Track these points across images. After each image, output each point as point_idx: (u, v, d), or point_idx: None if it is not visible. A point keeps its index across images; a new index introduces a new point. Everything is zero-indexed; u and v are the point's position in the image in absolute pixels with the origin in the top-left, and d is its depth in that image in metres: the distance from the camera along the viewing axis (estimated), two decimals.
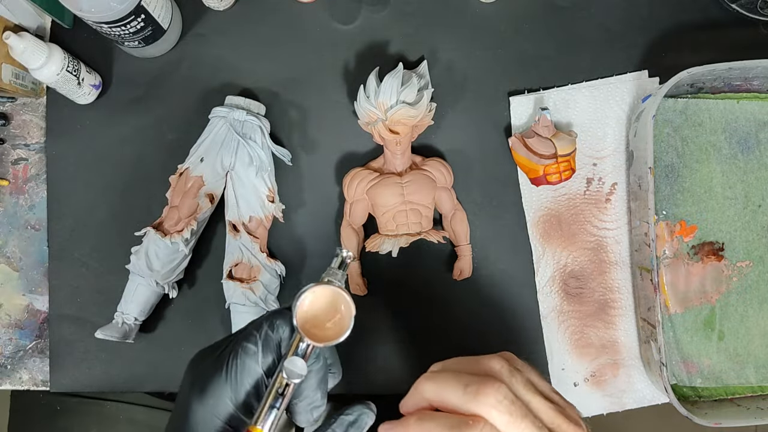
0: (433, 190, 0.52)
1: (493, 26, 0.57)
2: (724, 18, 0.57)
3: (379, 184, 0.52)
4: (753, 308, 0.56)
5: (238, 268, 0.53)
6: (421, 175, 0.52)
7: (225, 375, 0.33)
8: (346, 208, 0.54)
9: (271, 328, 0.34)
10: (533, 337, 0.55)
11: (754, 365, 0.55)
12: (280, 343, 0.34)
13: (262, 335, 0.34)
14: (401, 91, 0.50)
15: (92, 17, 0.46)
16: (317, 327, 0.33)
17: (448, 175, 0.54)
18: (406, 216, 0.52)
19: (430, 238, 0.52)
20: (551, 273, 0.56)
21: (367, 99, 0.51)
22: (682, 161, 0.56)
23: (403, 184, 0.52)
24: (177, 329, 0.55)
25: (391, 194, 0.51)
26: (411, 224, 0.52)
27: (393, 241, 0.52)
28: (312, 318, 0.33)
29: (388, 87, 0.50)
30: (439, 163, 0.54)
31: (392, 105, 0.50)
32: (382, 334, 0.56)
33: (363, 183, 0.52)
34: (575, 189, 0.56)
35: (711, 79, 0.53)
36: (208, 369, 0.34)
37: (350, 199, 0.53)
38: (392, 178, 0.52)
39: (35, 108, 0.57)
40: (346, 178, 0.53)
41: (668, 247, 0.56)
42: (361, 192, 0.53)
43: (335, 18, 0.57)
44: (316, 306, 0.34)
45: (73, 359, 0.55)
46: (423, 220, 0.52)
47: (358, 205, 0.53)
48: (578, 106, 0.56)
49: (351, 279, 0.54)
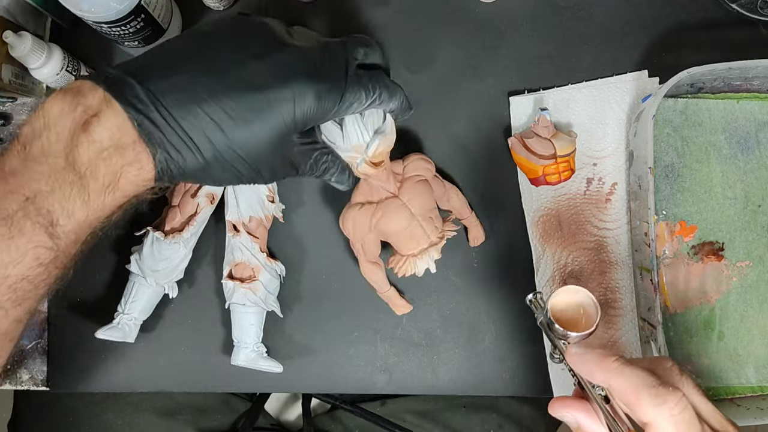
0: (429, 189, 0.51)
1: (493, 26, 0.57)
2: (724, 18, 0.57)
3: (384, 214, 0.48)
4: (753, 308, 0.56)
5: (238, 268, 0.53)
6: (413, 183, 0.50)
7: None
8: (357, 248, 0.51)
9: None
10: (533, 337, 0.55)
11: (754, 365, 0.55)
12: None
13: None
14: (367, 123, 0.44)
15: (92, 17, 0.46)
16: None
17: (430, 165, 0.52)
18: (422, 229, 0.49)
19: (450, 235, 0.52)
20: (551, 273, 0.56)
21: (339, 148, 0.44)
22: (682, 161, 0.56)
23: (405, 203, 0.49)
24: (177, 329, 0.55)
25: (399, 218, 0.49)
26: (430, 233, 0.50)
27: (425, 257, 0.50)
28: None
29: (354, 127, 0.44)
30: (417, 160, 0.51)
31: (368, 142, 0.44)
32: (381, 335, 0.56)
33: (365, 220, 0.49)
34: (575, 189, 0.56)
35: (711, 79, 0.53)
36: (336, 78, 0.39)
37: (358, 240, 0.50)
38: (391, 201, 0.49)
39: (35, 108, 0.57)
40: (346, 224, 0.50)
41: (668, 247, 0.56)
42: (367, 229, 0.49)
43: (335, 18, 0.57)
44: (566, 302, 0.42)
45: (73, 359, 0.55)
46: (436, 221, 0.50)
47: (368, 240, 0.50)
48: (578, 106, 0.56)
49: (392, 303, 0.54)
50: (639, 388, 0.33)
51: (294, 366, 0.55)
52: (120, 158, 0.33)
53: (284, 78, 0.36)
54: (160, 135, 0.34)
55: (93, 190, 0.33)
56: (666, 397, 0.32)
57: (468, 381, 0.55)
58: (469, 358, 0.55)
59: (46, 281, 0.34)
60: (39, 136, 0.33)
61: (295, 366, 0.55)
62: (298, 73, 0.36)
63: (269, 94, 0.35)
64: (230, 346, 0.53)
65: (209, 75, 0.35)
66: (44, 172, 0.32)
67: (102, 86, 0.33)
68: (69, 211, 0.33)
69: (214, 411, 0.69)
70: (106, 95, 0.33)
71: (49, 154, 0.33)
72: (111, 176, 0.33)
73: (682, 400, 0.32)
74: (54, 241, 0.33)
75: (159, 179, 0.35)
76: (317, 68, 0.37)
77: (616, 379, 0.34)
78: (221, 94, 0.34)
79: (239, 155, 0.36)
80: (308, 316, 0.56)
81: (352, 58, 0.40)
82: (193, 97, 0.34)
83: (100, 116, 0.33)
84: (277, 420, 0.79)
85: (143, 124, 0.33)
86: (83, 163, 0.33)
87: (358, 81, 0.39)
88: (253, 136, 0.35)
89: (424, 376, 0.56)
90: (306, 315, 0.56)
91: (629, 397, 0.33)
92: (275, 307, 0.54)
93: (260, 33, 0.37)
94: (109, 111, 0.33)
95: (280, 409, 0.80)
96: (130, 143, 0.33)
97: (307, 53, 0.37)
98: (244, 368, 0.53)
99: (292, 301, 0.56)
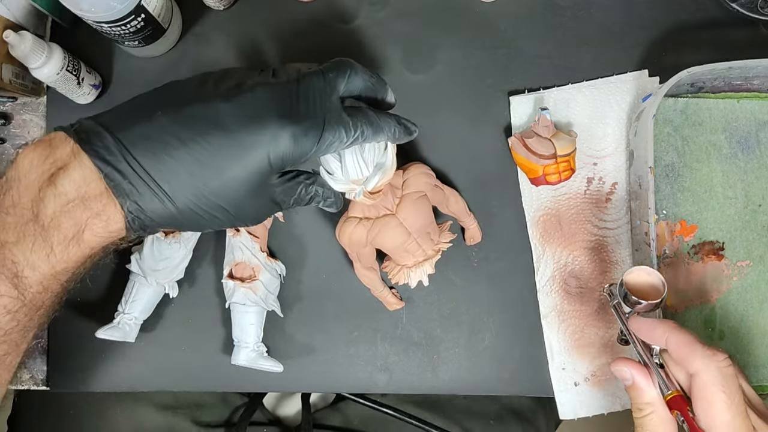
0: (427, 205, 0.50)
1: (493, 26, 0.57)
2: (725, 17, 0.57)
3: (380, 231, 0.48)
4: (753, 308, 0.56)
5: (238, 267, 0.53)
6: (411, 200, 0.48)
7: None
8: (352, 256, 0.51)
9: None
10: (533, 337, 0.55)
11: (754, 365, 0.55)
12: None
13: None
14: (367, 157, 0.41)
15: (92, 17, 0.46)
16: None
17: (431, 179, 0.50)
18: (418, 245, 0.49)
19: (446, 247, 0.51)
20: (551, 272, 0.56)
21: (337, 180, 0.42)
22: (683, 161, 0.56)
23: (402, 221, 0.48)
24: (177, 329, 0.55)
25: (395, 236, 0.48)
26: (426, 248, 0.50)
27: (419, 270, 0.50)
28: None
29: (354, 162, 0.41)
30: (418, 174, 0.49)
31: (368, 176, 0.42)
32: (381, 334, 0.56)
33: (362, 235, 0.48)
34: (575, 188, 0.56)
35: (711, 79, 0.53)
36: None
37: (354, 251, 0.50)
38: (388, 219, 0.48)
39: (35, 107, 0.57)
40: (342, 237, 0.49)
41: (668, 247, 0.56)
42: (364, 244, 0.48)
43: (335, 17, 0.57)
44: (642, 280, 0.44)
45: (73, 359, 0.55)
46: (433, 234, 0.50)
47: (364, 253, 0.50)
48: (578, 106, 0.56)
49: (385, 301, 0.54)
50: (693, 343, 0.38)
51: (294, 365, 0.55)
52: (85, 210, 0.33)
53: (256, 120, 0.34)
54: (128, 186, 0.33)
55: (56, 242, 0.33)
56: (715, 352, 0.38)
57: (468, 380, 0.55)
58: (469, 357, 0.55)
59: (17, 328, 0.35)
60: (10, 188, 0.33)
61: (296, 365, 0.55)
62: (271, 115, 0.34)
63: (240, 139, 0.34)
64: (230, 346, 0.53)
65: (178, 122, 0.34)
66: (11, 223, 0.33)
67: (73, 137, 0.34)
68: (32, 263, 0.33)
69: (213, 405, 0.69)
70: (75, 147, 0.33)
71: (17, 206, 0.33)
72: (75, 228, 0.33)
73: (728, 359, 0.38)
74: (19, 291, 0.33)
75: (130, 230, 0.35)
76: (292, 108, 0.35)
77: (674, 334, 0.39)
78: (191, 141, 0.33)
79: (216, 203, 0.35)
80: (308, 316, 0.56)
81: (333, 92, 0.37)
82: (162, 146, 0.33)
83: (67, 168, 0.33)
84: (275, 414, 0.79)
85: (111, 175, 0.33)
86: (47, 215, 0.33)
87: (338, 119, 0.36)
88: (228, 183, 0.35)
89: (424, 376, 0.56)
90: (306, 314, 0.56)
91: (683, 349, 0.38)
92: (275, 307, 0.54)
93: (228, 77, 0.36)
94: (77, 163, 0.33)
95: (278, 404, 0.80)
96: (96, 195, 0.33)
97: (282, 92, 0.35)
98: (244, 368, 0.53)
99: (293, 300, 0.56)
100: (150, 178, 0.33)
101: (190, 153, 0.33)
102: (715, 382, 0.37)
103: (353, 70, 0.38)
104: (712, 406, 0.36)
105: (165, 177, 0.33)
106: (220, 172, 0.34)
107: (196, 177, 0.34)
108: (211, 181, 0.34)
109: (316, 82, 0.37)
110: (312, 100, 0.36)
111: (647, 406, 0.40)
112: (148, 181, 0.33)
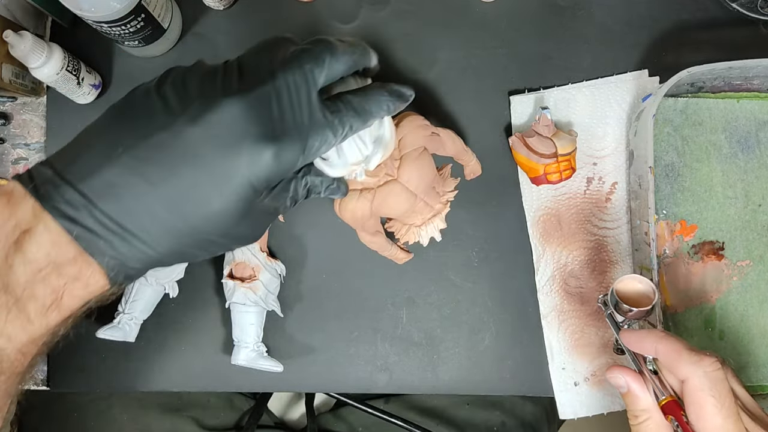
0: (428, 157, 0.46)
1: (493, 26, 0.57)
2: (725, 17, 0.57)
3: (384, 200, 0.45)
4: (753, 308, 0.56)
5: (238, 267, 0.53)
6: (412, 159, 0.45)
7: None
8: (356, 227, 0.48)
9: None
10: (533, 337, 0.55)
11: (754, 365, 0.55)
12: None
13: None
14: (364, 135, 0.38)
15: (92, 17, 0.46)
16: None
17: (426, 128, 0.46)
18: (426, 203, 0.47)
19: (452, 196, 0.50)
20: (551, 272, 0.56)
21: (334, 166, 0.38)
22: (683, 160, 0.56)
23: (405, 185, 0.45)
24: (177, 329, 0.55)
25: (400, 202, 0.45)
26: (433, 204, 0.47)
27: (429, 227, 0.48)
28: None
29: (351, 145, 0.38)
30: (414, 129, 0.45)
31: (367, 155, 0.39)
32: (382, 334, 0.56)
33: (365, 207, 0.45)
34: (575, 188, 0.56)
35: (711, 79, 0.53)
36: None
37: (357, 225, 0.47)
38: (392, 185, 0.45)
39: (35, 107, 0.57)
40: (344, 213, 0.46)
41: (668, 247, 0.56)
42: (368, 215, 0.45)
43: (335, 17, 0.57)
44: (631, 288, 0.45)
45: (73, 359, 0.55)
46: (438, 188, 0.48)
47: (369, 224, 0.47)
48: (578, 106, 0.56)
49: (395, 258, 0.52)
50: (680, 349, 0.39)
51: (294, 365, 0.55)
52: (60, 277, 0.30)
53: (230, 145, 0.30)
54: (102, 243, 0.30)
55: (33, 311, 0.30)
56: (702, 357, 0.38)
57: (468, 380, 0.55)
58: (470, 357, 0.55)
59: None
60: None
61: (296, 365, 0.55)
62: (246, 136, 0.31)
63: (216, 168, 0.30)
64: (230, 346, 0.53)
65: (143, 160, 0.30)
66: None
67: (32, 194, 0.30)
68: (8, 334, 0.30)
69: (218, 409, 0.69)
70: (36, 206, 0.30)
71: None
72: (52, 296, 0.30)
73: (716, 363, 0.37)
74: None
75: (116, 282, 0.32)
76: (270, 122, 0.31)
77: (662, 342, 0.40)
78: (161, 182, 0.30)
79: (203, 237, 0.32)
80: (308, 316, 0.56)
81: (312, 88, 0.33)
82: (131, 193, 0.30)
83: (33, 233, 0.30)
84: (281, 419, 0.79)
85: (81, 235, 0.30)
86: (20, 284, 0.30)
87: (321, 122, 0.33)
88: (211, 217, 0.31)
89: (424, 376, 0.56)
90: (306, 314, 0.56)
91: (672, 356, 0.39)
92: (275, 307, 0.54)
93: (188, 85, 0.32)
94: (42, 226, 0.30)
95: (284, 408, 0.80)
96: (69, 259, 0.30)
97: (255, 103, 0.31)
98: (244, 368, 0.53)
99: (293, 300, 0.56)
100: (124, 231, 0.30)
101: (162, 195, 0.30)
102: (703, 387, 0.37)
103: (332, 55, 0.33)
104: (703, 410, 0.37)
105: (140, 225, 0.30)
106: (198, 207, 0.31)
107: (175, 217, 0.31)
108: (191, 218, 0.31)
109: (292, 79, 0.32)
110: (290, 106, 0.32)
111: (643, 413, 0.40)
112: (123, 234, 0.30)
